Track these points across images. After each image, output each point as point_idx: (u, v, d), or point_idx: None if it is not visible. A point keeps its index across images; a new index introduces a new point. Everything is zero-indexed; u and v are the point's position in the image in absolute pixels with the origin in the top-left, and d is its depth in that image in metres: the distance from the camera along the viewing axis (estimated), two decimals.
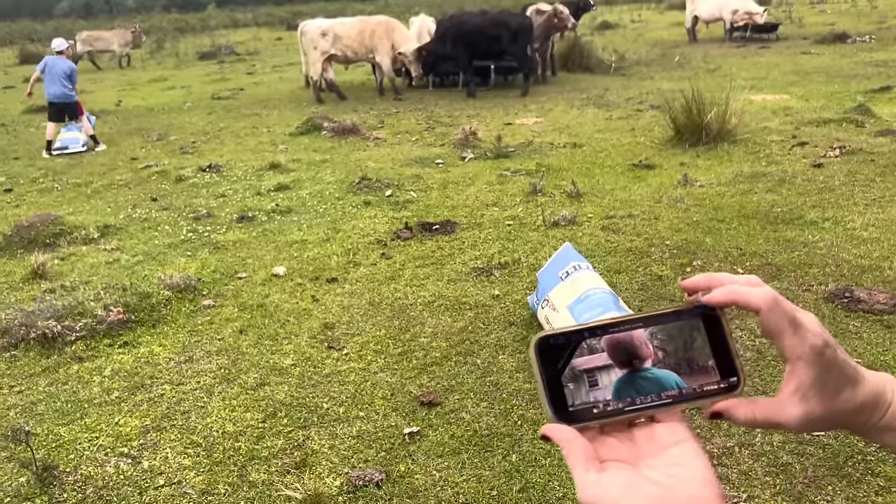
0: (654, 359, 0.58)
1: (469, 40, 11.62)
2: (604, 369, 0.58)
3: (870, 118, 7.85)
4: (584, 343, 0.58)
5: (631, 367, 0.58)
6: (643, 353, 0.58)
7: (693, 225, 4.98)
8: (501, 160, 7.20)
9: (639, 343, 0.58)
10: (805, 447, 2.64)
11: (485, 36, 11.55)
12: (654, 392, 0.57)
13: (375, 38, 11.78)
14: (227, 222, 5.81)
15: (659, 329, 0.58)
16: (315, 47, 11.88)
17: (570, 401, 0.57)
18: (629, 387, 0.57)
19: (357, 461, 2.71)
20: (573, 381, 0.58)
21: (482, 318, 3.81)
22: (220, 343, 3.74)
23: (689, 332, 0.59)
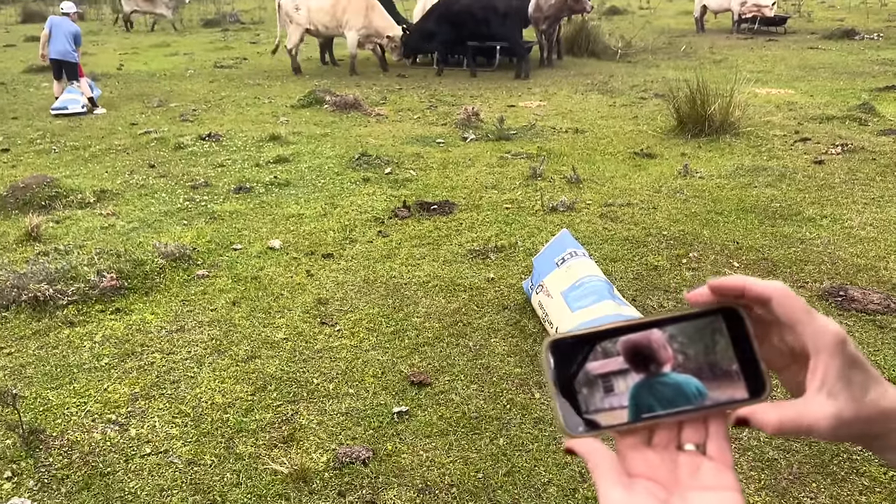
0: (674, 363, 0.55)
1: (457, 21, 11.57)
2: (620, 374, 0.55)
3: (873, 117, 7.82)
4: (599, 346, 0.55)
5: (648, 372, 0.55)
6: (662, 356, 0.55)
7: (691, 216, 4.97)
8: (503, 142, 7.16)
9: (657, 346, 0.55)
10: (791, 444, 2.65)
11: (473, 18, 11.50)
12: (673, 398, 0.54)
13: (348, 13, 11.74)
14: (224, 192, 5.78)
15: (679, 331, 0.55)
16: (290, 21, 11.88)
17: (583, 407, 0.55)
18: (647, 393, 0.55)
19: (345, 438, 2.72)
20: (587, 385, 0.55)
21: (476, 301, 3.81)
22: (212, 314, 3.73)
23: (710, 335, 0.55)
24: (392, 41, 11.98)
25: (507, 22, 11.43)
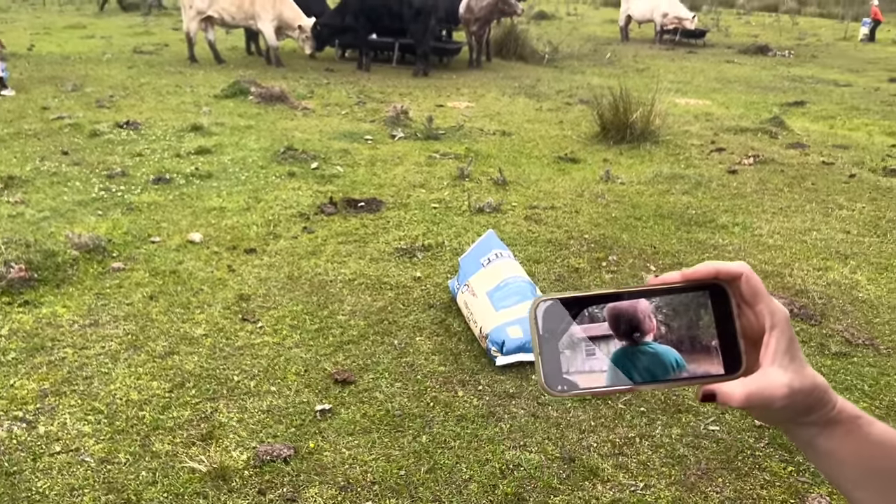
0: (657, 333, 0.57)
1: (371, 15, 11.61)
2: (603, 339, 0.57)
3: (783, 130, 8.23)
4: (587, 310, 0.57)
5: (631, 340, 0.57)
6: (645, 326, 0.57)
7: (611, 221, 5.12)
8: (431, 142, 7.19)
9: (642, 316, 0.57)
10: (700, 441, 2.77)
11: (388, 12, 11.56)
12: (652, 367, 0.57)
13: (257, 5, 11.60)
14: (142, 183, 5.59)
15: (665, 303, 0.57)
16: (190, 6, 11.63)
17: (564, 367, 0.57)
18: (627, 359, 0.57)
19: (266, 436, 2.68)
20: (570, 347, 0.57)
21: (402, 299, 3.82)
22: (128, 308, 3.61)
23: (696, 309, 0.58)
24: (303, 32, 11.85)
25: (419, 18, 11.53)
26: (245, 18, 11.87)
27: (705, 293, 0.58)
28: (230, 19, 11.94)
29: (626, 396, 3.01)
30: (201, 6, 11.66)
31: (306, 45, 12.15)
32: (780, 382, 0.57)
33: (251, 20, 11.85)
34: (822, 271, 4.40)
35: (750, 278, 0.58)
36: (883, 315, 3.86)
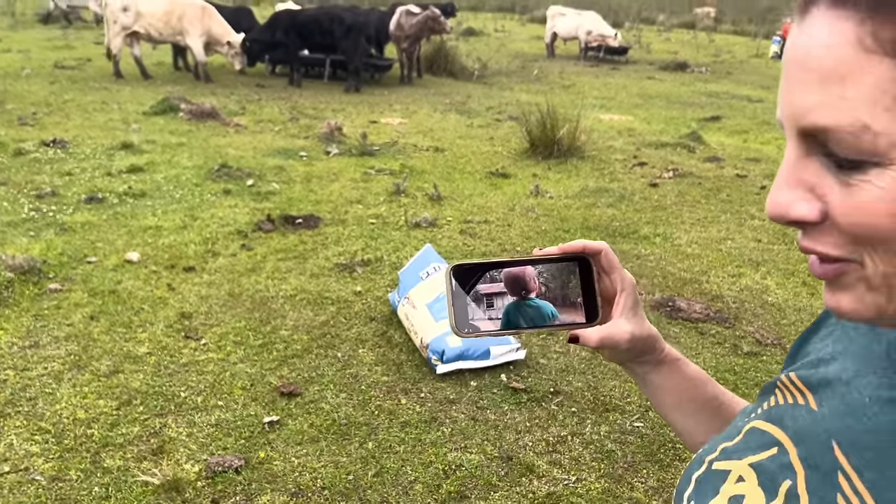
0: (538, 292, 0.75)
1: (302, 31, 11.73)
2: (499, 295, 0.75)
3: (700, 145, 8.72)
4: (488, 273, 0.75)
5: (520, 296, 0.75)
6: (531, 286, 0.75)
7: (542, 233, 5.36)
8: (366, 158, 7.33)
9: (528, 278, 0.75)
10: (626, 437, 3.00)
11: (319, 28, 11.72)
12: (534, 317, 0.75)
13: (185, 20, 11.56)
14: (74, 202, 5.53)
15: (545, 269, 0.76)
16: (115, 21, 11.48)
17: (470, 315, 0.74)
18: (516, 311, 0.75)
19: (216, 448, 2.76)
20: (475, 301, 0.74)
21: (344, 313, 3.94)
22: (68, 329, 3.61)
23: (567, 275, 0.76)
24: (232, 48, 11.85)
25: (350, 34, 11.70)
26: (172, 34, 11.76)
27: (574, 263, 0.77)
28: (157, 35, 11.81)
29: (559, 398, 3.22)
30: (126, 22, 11.50)
31: (236, 61, 12.12)
32: (624, 329, 0.76)
33: (179, 36, 11.75)
34: (735, 277, 4.74)
35: (608, 253, 0.78)
36: (790, 317, 4.20)
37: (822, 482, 0.54)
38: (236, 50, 11.91)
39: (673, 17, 37.50)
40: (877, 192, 0.47)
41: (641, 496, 2.65)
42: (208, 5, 12.14)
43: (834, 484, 0.53)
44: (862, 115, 0.46)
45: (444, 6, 17.40)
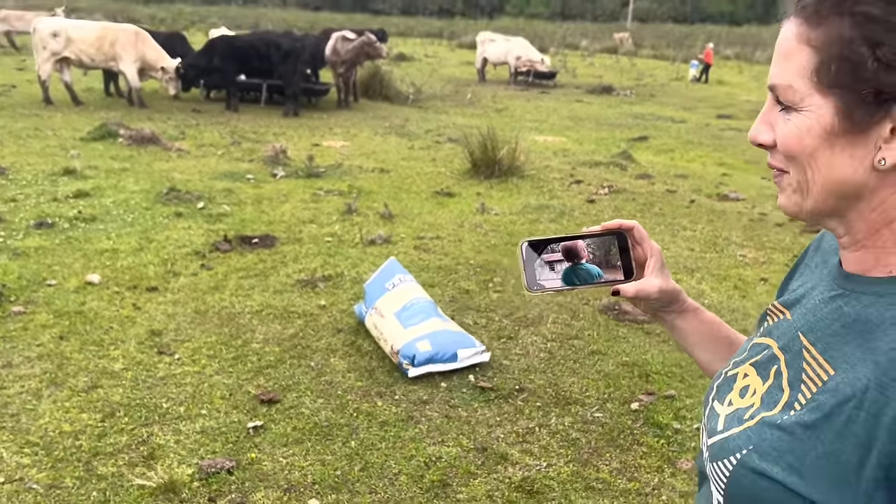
0: (587, 258, 1.00)
1: (240, 56, 11.86)
2: (558, 262, 0.99)
3: (631, 163, 9.21)
4: (549, 246, 0.99)
5: (574, 262, 0.99)
6: (582, 254, 1.00)
7: (491, 247, 5.63)
8: (313, 179, 7.47)
9: (580, 249, 1.00)
10: (589, 426, 3.25)
11: (257, 54, 11.87)
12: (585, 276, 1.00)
13: (118, 46, 11.53)
14: (23, 228, 5.49)
15: (592, 242, 1.01)
16: (44, 47, 11.35)
17: (537, 277, 0.99)
18: (572, 272, 1.00)
19: (205, 452, 2.88)
20: (540, 266, 0.99)
21: (311, 326, 4.08)
22: (39, 349, 3.64)
23: (608, 245, 1.01)
24: (166, 73, 11.83)
25: (288, 59, 11.87)
26: (105, 60, 11.65)
27: (613, 237, 1.02)
28: (89, 61, 11.67)
29: (524, 395, 3.45)
30: (56, 47, 11.33)
31: (170, 86, 12.07)
32: (654, 284, 1.02)
33: (112, 62, 11.64)
34: None
35: (639, 229, 1.04)
36: (725, 316, 4.57)
37: (794, 358, 0.81)
38: (171, 75, 11.87)
39: (595, 43, 38.96)
40: (793, 125, 0.77)
41: (607, 476, 2.90)
42: (141, 31, 12.09)
43: (801, 357, 0.80)
44: (790, 80, 0.76)
45: (375, 32, 17.73)
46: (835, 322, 0.78)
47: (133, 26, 12.45)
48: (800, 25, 0.76)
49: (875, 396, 0.68)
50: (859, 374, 0.71)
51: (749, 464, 0.77)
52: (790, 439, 0.74)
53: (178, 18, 37.34)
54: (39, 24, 11.77)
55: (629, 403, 3.45)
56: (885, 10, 0.70)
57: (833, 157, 0.75)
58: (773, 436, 0.76)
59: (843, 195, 0.77)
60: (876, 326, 0.73)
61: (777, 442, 0.75)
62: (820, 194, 0.78)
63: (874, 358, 0.70)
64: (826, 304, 0.81)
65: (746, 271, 5.42)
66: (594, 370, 3.77)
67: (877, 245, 0.78)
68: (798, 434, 0.74)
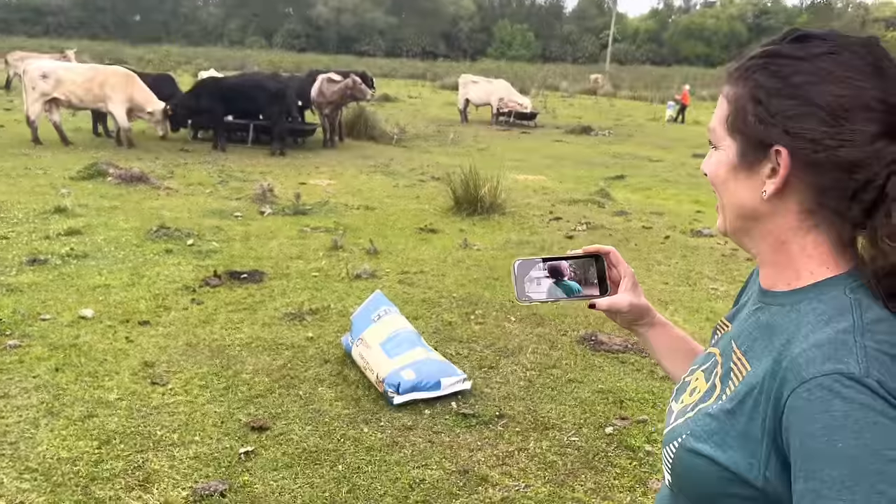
0: (569, 276, 1.18)
1: (227, 97, 12.16)
2: (545, 278, 1.18)
3: (609, 200, 9.49)
4: (537, 265, 1.18)
5: (557, 279, 1.18)
6: (565, 273, 1.18)
7: (474, 281, 5.82)
8: (300, 216, 7.66)
9: (563, 268, 1.19)
10: (565, 449, 3.41)
11: (244, 94, 12.17)
12: (566, 291, 1.18)
13: (107, 87, 11.81)
14: (16, 264, 5.62)
15: (573, 262, 1.19)
16: (34, 88, 11.62)
17: (526, 290, 1.17)
18: (555, 287, 1.18)
19: (199, 477, 3.00)
20: (529, 281, 1.17)
21: (299, 357, 4.23)
22: (35, 380, 3.76)
23: (587, 266, 1.20)
24: (153, 116, 12.08)
25: (274, 101, 12.18)
26: (94, 101, 11.87)
27: (592, 259, 1.21)
28: (78, 102, 11.89)
29: (504, 420, 3.61)
30: (45, 88, 11.55)
31: (159, 127, 12.30)
32: (625, 299, 1.21)
33: (101, 103, 11.86)
34: None
35: (615, 253, 1.23)
36: None
37: (726, 360, 1.02)
38: (158, 118, 12.11)
39: (575, 84, 39.81)
40: (714, 159, 1.00)
41: (582, 496, 3.05)
42: (131, 73, 12.35)
43: (730, 359, 1.00)
44: (714, 124, 0.99)
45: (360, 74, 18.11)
46: (755, 329, 0.98)
47: (123, 68, 12.72)
48: (726, 84, 0.98)
49: (769, 382, 0.87)
50: (763, 367, 0.90)
51: (686, 445, 0.96)
52: (717, 423, 0.93)
53: (165, 60, 37.78)
54: (29, 65, 12.02)
55: (604, 428, 3.62)
56: (768, 80, 0.92)
57: (737, 186, 0.97)
58: (705, 421, 0.95)
59: (745, 217, 0.98)
60: (776, 329, 0.93)
61: (707, 426, 0.94)
62: (731, 215, 1.00)
63: (772, 353, 0.90)
64: (751, 316, 1.02)
65: (718, 304, 5.64)
66: (571, 397, 3.94)
67: (777, 262, 0.99)
68: (722, 419, 0.93)
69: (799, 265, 0.95)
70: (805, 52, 0.91)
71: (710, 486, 0.93)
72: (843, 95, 0.87)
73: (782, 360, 0.87)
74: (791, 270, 0.96)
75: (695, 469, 0.95)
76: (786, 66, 0.91)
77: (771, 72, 0.92)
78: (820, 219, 0.93)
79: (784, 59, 0.92)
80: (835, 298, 0.90)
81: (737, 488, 0.89)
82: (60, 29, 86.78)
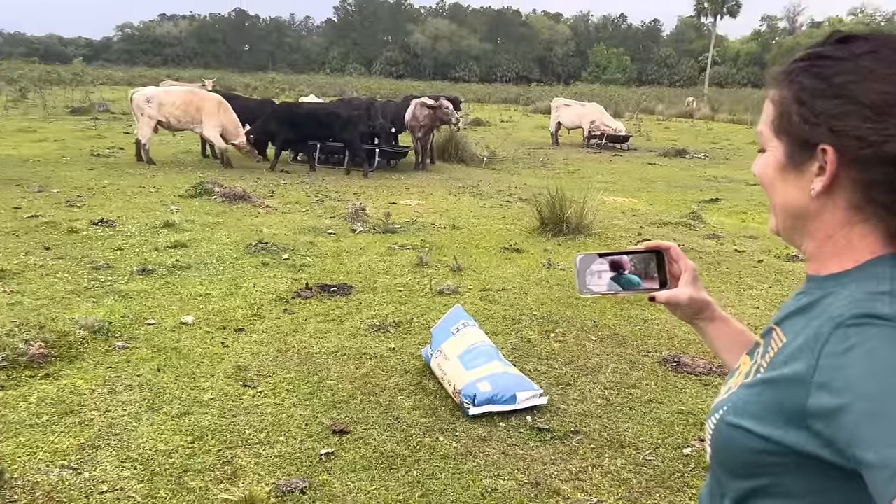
0: (629, 270, 1.24)
1: (300, 123, 12.78)
2: (606, 271, 1.24)
3: (701, 223, 9.28)
4: (599, 259, 1.24)
5: (618, 273, 1.24)
6: (626, 266, 1.24)
7: (555, 300, 5.84)
8: (389, 235, 7.89)
9: (624, 262, 1.24)
10: (641, 468, 3.39)
11: (318, 122, 12.67)
12: (626, 284, 1.24)
13: (203, 112, 12.62)
14: (127, 273, 6.05)
15: (634, 257, 1.25)
16: (142, 113, 12.60)
17: (587, 283, 1.23)
18: (615, 281, 1.24)
19: (282, 474, 3.17)
20: (591, 275, 1.24)
21: (381, 367, 4.38)
22: (139, 378, 4.06)
23: (648, 261, 1.25)
24: (241, 148, 12.75)
25: (347, 127, 12.61)
26: (190, 122, 12.77)
27: (653, 254, 1.26)
28: (176, 123, 12.82)
29: (579, 437, 3.62)
30: (152, 112, 12.47)
31: (251, 155, 12.94)
32: (685, 293, 1.25)
33: (196, 125, 12.72)
34: None
35: (675, 249, 1.28)
36: None
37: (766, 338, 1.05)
38: (246, 148, 12.80)
39: (671, 108, 39.00)
40: (762, 161, 1.05)
41: None
42: (224, 101, 13.08)
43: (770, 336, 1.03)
44: (762, 127, 1.04)
45: (451, 99, 18.43)
46: (795, 309, 1.02)
47: (217, 96, 13.52)
48: (771, 89, 1.03)
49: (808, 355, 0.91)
50: (801, 339, 0.94)
51: (726, 418, 1.00)
52: (754, 394, 0.97)
53: (269, 86, 39.56)
54: (135, 94, 13.01)
55: (682, 448, 3.57)
56: (811, 81, 0.97)
57: (786, 186, 1.02)
58: (744, 394, 0.99)
59: (795, 216, 1.02)
60: (817, 307, 0.97)
61: (745, 398, 0.98)
62: (781, 215, 1.05)
63: (811, 327, 0.93)
64: (794, 300, 1.06)
65: None
66: (650, 417, 3.90)
67: (823, 254, 1.02)
68: (759, 388, 0.97)
69: (845, 256, 0.98)
70: (847, 52, 0.95)
71: (746, 456, 0.97)
72: (887, 92, 0.90)
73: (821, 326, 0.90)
74: (836, 260, 1.00)
75: (732, 441, 0.99)
76: (828, 67, 0.96)
77: (814, 73, 0.97)
78: (869, 213, 0.95)
79: (826, 61, 0.97)
80: (876, 274, 0.94)
81: (773, 457, 0.93)
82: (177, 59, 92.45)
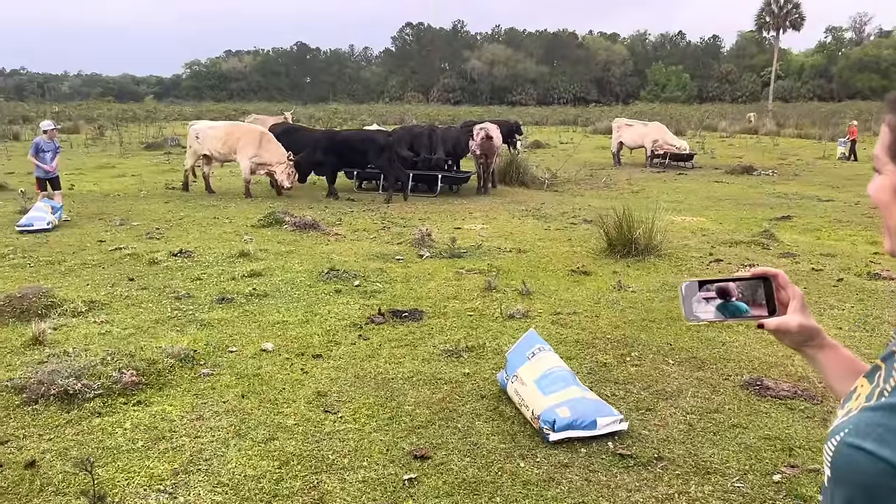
0: (737, 297, 1.24)
1: (340, 150, 13.04)
2: (713, 298, 1.24)
3: (774, 242, 9.05)
4: (706, 286, 1.24)
5: (726, 299, 1.24)
6: (732, 293, 1.24)
7: (629, 323, 5.77)
8: (456, 259, 7.95)
9: (731, 289, 1.24)
10: (729, 494, 3.31)
11: (353, 148, 12.91)
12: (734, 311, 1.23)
13: (240, 143, 13.15)
14: (207, 303, 6.26)
15: (741, 284, 1.24)
16: (189, 146, 13.50)
17: (694, 310, 1.23)
18: (723, 308, 1.24)
19: (367, 500, 3.21)
20: (697, 301, 1.24)
21: (457, 392, 4.41)
22: (224, 405, 4.19)
23: (755, 287, 1.25)
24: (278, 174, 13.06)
25: (383, 153, 12.77)
26: (228, 153, 13.37)
27: (760, 281, 1.25)
28: (218, 155, 13.39)
29: (663, 463, 3.56)
30: (197, 147, 13.23)
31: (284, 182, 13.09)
32: (794, 320, 1.24)
33: (233, 155, 13.22)
34: None
35: (782, 276, 1.27)
36: None
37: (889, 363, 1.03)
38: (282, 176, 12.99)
39: (735, 124, 38.22)
40: (877, 183, 1.06)
41: None
42: (267, 132, 13.44)
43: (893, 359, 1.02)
44: (878, 151, 1.04)
45: (511, 124, 18.56)
46: None
47: (260, 127, 13.96)
48: (889, 113, 1.04)
49: None
50: None
51: (847, 440, 0.99)
52: (879, 417, 0.96)
53: (333, 117, 40.45)
54: (191, 126, 13.75)
55: (771, 475, 3.47)
56: None
57: None
58: (867, 417, 0.98)
59: None
60: None
61: (870, 421, 0.97)
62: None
63: None
64: None
65: None
66: (735, 442, 3.81)
67: None
68: (885, 412, 0.96)
69: None
70: None
71: (870, 479, 0.96)
72: None
73: None
74: None
75: (855, 464, 0.98)
76: None
77: None
78: None
79: None
80: None
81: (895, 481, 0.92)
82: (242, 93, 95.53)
